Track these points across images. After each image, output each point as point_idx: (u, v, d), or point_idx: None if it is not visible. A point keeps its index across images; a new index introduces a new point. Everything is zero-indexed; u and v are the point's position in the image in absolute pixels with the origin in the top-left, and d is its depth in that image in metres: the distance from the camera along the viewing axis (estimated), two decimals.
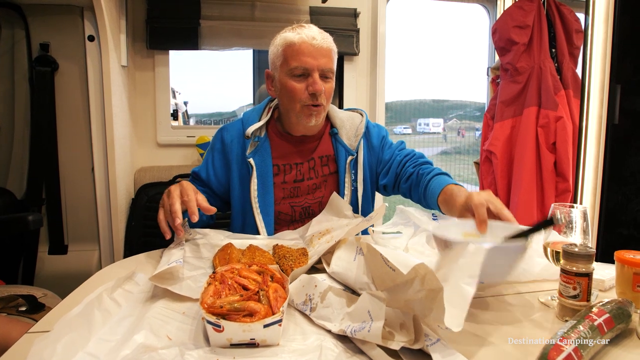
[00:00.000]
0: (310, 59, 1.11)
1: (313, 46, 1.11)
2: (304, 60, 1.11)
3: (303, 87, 1.13)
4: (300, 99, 1.13)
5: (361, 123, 1.27)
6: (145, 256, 1.03)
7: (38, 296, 1.27)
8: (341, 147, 1.24)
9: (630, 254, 0.75)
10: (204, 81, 6.21)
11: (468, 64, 9.91)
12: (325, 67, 1.13)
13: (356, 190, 1.24)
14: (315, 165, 1.24)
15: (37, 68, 1.73)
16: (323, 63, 1.12)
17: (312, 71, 1.11)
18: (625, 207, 1.69)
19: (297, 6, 2.14)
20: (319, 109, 1.15)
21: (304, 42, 1.11)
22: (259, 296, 0.66)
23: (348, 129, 1.26)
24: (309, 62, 1.11)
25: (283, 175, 1.22)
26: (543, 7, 2.11)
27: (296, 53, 1.11)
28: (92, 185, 1.80)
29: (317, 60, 1.11)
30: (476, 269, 0.60)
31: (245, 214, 1.20)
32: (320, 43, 1.12)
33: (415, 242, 1.04)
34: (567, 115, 2.03)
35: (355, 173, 1.23)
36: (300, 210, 1.23)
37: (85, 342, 0.60)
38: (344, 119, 1.27)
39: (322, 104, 1.15)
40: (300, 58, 1.11)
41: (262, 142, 1.21)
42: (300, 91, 1.13)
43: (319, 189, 1.24)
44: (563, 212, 0.79)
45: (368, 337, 0.58)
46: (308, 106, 1.14)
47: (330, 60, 1.14)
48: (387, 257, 0.66)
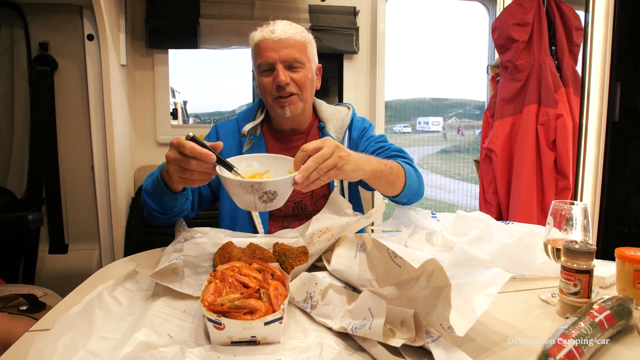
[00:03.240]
0: (271, 53, 1.14)
1: (273, 40, 1.14)
2: (265, 55, 1.14)
3: (270, 81, 1.16)
4: (270, 93, 1.17)
5: (347, 116, 1.29)
6: (145, 254, 1.03)
7: (39, 295, 1.27)
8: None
9: (631, 251, 0.75)
10: (203, 80, 6.21)
11: (468, 62, 9.90)
12: (288, 57, 1.15)
13: (342, 182, 1.26)
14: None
15: (37, 67, 1.73)
16: (285, 54, 1.14)
17: (275, 64, 1.14)
18: (625, 204, 1.69)
19: (296, 4, 2.14)
20: (290, 99, 1.17)
21: (264, 38, 1.15)
22: (259, 294, 0.66)
23: (335, 123, 1.28)
24: (270, 56, 1.14)
25: None
26: (543, 5, 2.10)
27: (260, 50, 1.16)
28: (92, 185, 1.80)
29: (278, 53, 1.14)
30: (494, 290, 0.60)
31: (236, 211, 1.21)
32: (279, 35, 1.14)
33: (415, 240, 1.04)
34: (567, 113, 2.03)
35: None
36: (292, 205, 1.25)
37: (86, 340, 0.60)
38: (331, 113, 1.30)
39: (294, 93, 1.17)
40: (262, 54, 1.15)
41: (257, 140, 1.24)
42: (269, 85, 1.16)
43: None
44: (564, 210, 0.79)
45: (369, 334, 0.58)
46: (277, 98, 1.17)
47: (295, 50, 1.15)
48: (396, 251, 0.65)
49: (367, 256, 0.76)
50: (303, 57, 1.17)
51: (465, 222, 1.01)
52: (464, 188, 5.80)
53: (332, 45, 2.16)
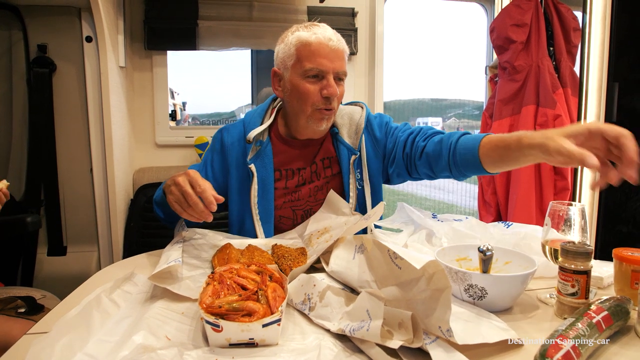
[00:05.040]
0: (326, 61, 1.06)
1: (330, 47, 1.06)
2: (319, 62, 1.06)
3: (317, 90, 1.08)
4: (313, 102, 1.08)
5: (361, 118, 1.20)
6: (144, 257, 1.03)
7: (37, 297, 1.26)
8: (343, 147, 1.18)
9: (629, 252, 0.75)
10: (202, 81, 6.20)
11: (466, 63, 9.92)
12: (340, 70, 1.09)
13: (363, 190, 1.18)
14: (317, 168, 1.19)
15: (35, 69, 1.73)
16: (338, 66, 1.08)
17: (327, 73, 1.07)
18: (624, 204, 1.69)
19: (295, 6, 2.14)
20: (330, 112, 1.11)
21: (320, 42, 1.06)
22: (257, 296, 0.66)
23: (349, 127, 1.21)
24: (325, 64, 1.06)
25: (285, 181, 1.18)
26: (541, 6, 2.11)
27: (312, 54, 1.06)
28: (91, 186, 1.80)
29: (333, 63, 1.07)
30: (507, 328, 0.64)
31: (243, 219, 1.17)
32: (337, 45, 1.08)
33: (415, 239, 1.04)
34: (565, 114, 2.03)
35: (361, 172, 1.18)
36: (302, 213, 1.20)
37: (83, 343, 0.60)
38: (344, 117, 1.22)
39: (334, 108, 1.11)
40: (316, 59, 1.06)
41: (264, 146, 1.16)
42: (314, 93, 1.08)
43: (321, 191, 1.20)
44: (562, 211, 0.79)
45: (367, 336, 0.58)
46: (320, 110, 1.09)
47: (344, 63, 1.10)
48: (397, 252, 0.65)
49: (366, 257, 0.76)
50: (347, 71, 1.13)
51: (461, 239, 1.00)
52: (463, 188, 5.80)
53: None
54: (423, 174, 1.14)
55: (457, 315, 0.67)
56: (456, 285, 0.73)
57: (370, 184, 1.18)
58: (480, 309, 0.71)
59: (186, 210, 0.90)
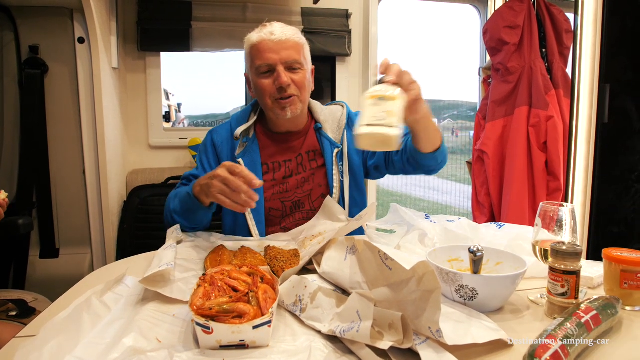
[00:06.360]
0: (271, 55, 1.14)
1: (272, 41, 1.14)
2: (266, 57, 1.14)
3: (270, 83, 1.16)
4: (270, 94, 1.17)
5: (342, 115, 1.30)
6: (136, 259, 1.03)
7: (29, 300, 1.25)
8: (326, 140, 1.26)
9: (618, 252, 0.76)
10: (198, 83, 6.18)
11: (460, 64, 9.97)
12: (288, 59, 1.15)
13: (342, 182, 1.26)
14: (302, 160, 1.27)
15: (27, 70, 1.72)
16: (286, 56, 1.15)
17: (275, 65, 1.14)
18: (615, 205, 1.70)
19: (288, 7, 2.14)
20: (290, 100, 1.17)
21: (263, 40, 1.15)
22: (248, 297, 0.66)
23: (331, 123, 1.29)
24: (270, 57, 1.14)
25: (272, 173, 1.25)
26: (533, 8, 2.12)
27: (259, 52, 1.15)
28: (84, 188, 1.79)
29: (279, 54, 1.14)
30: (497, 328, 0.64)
31: (236, 214, 1.21)
32: (279, 36, 1.15)
33: (408, 240, 1.04)
34: (557, 115, 2.05)
35: (342, 164, 1.26)
36: (290, 204, 1.25)
37: (73, 345, 0.60)
38: (327, 114, 1.30)
39: (294, 94, 1.17)
40: (262, 55, 1.15)
41: (250, 142, 1.24)
42: (269, 87, 1.16)
43: (307, 182, 1.26)
44: (552, 211, 0.79)
45: (357, 337, 0.58)
46: (278, 100, 1.17)
47: (294, 52, 1.16)
48: (388, 253, 0.66)
49: (357, 258, 0.76)
50: (301, 59, 1.18)
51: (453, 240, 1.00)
52: (458, 189, 5.82)
53: (325, 48, 2.17)
54: (399, 170, 1.25)
55: (447, 315, 0.67)
56: (447, 286, 0.74)
57: (352, 176, 1.27)
58: (471, 309, 0.72)
59: (230, 197, 0.95)
